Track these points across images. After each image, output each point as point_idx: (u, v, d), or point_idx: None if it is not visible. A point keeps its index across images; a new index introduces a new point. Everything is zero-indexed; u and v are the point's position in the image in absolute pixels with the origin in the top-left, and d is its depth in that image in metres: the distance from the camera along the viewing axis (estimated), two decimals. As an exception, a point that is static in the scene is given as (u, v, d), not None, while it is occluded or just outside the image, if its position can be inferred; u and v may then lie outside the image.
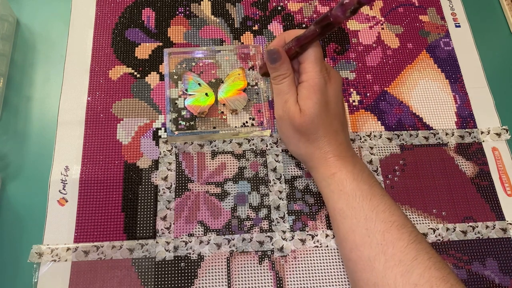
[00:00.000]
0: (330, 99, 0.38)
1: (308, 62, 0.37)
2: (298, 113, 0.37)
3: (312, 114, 0.37)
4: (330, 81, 0.38)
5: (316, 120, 0.37)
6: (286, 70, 0.38)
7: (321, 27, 0.34)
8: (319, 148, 0.38)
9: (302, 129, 0.37)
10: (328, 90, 0.38)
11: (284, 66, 0.38)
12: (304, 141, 0.38)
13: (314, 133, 0.37)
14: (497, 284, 0.42)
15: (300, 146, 0.39)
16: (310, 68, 0.37)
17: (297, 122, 0.37)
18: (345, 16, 0.32)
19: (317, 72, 0.37)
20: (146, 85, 0.49)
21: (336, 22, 0.33)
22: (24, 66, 0.49)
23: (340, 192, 0.37)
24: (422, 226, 0.44)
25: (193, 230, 0.42)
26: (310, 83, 0.37)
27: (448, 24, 0.55)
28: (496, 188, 0.46)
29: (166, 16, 0.53)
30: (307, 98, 0.37)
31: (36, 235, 0.41)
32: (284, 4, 0.55)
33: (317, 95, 0.37)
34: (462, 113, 0.50)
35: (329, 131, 0.38)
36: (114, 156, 0.45)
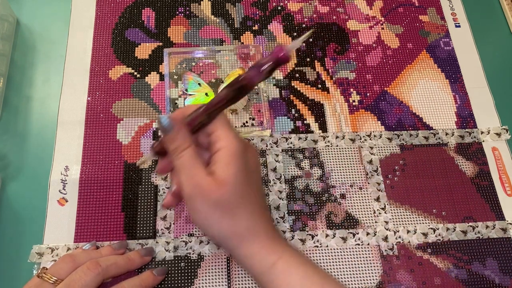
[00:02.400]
0: (251, 168, 0.32)
1: (221, 129, 0.32)
2: (214, 185, 0.30)
3: (234, 183, 0.30)
4: (248, 149, 0.33)
5: (239, 190, 0.31)
6: (183, 140, 0.32)
7: (234, 90, 0.30)
8: (247, 228, 0.31)
9: (223, 202, 0.30)
10: (248, 158, 0.32)
11: (181, 135, 0.32)
12: (228, 220, 0.31)
13: (239, 208, 0.31)
14: (497, 284, 0.42)
15: (222, 226, 0.31)
16: (226, 134, 0.31)
17: (215, 195, 0.30)
18: (260, 78, 0.29)
19: (235, 137, 0.32)
20: (146, 85, 0.49)
21: (250, 84, 0.30)
22: (24, 66, 0.49)
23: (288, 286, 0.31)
24: (422, 226, 0.44)
25: (193, 230, 0.42)
26: (229, 148, 0.31)
27: (448, 24, 0.55)
28: (496, 188, 0.46)
29: (166, 16, 0.53)
30: (227, 165, 0.31)
31: (36, 235, 0.41)
32: (284, 4, 0.55)
33: (239, 162, 0.31)
34: (462, 113, 0.50)
35: (256, 207, 0.32)
36: (114, 156, 0.45)
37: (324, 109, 0.49)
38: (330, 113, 0.49)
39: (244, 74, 0.30)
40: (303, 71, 0.51)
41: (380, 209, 0.44)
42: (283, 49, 0.28)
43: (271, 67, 0.29)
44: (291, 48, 0.28)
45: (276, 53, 0.28)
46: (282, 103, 0.49)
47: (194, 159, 0.31)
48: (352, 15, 0.55)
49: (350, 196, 0.45)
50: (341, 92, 0.50)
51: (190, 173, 0.31)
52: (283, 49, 0.28)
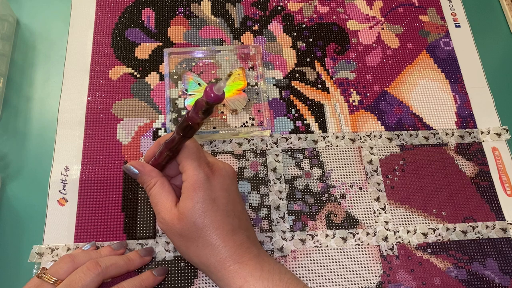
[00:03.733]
0: (217, 194, 0.34)
1: (184, 161, 0.34)
2: (176, 218, 0.33)
3: (192, 216, 0.32)
4: (214, 175, 0.34)
5: (199, 221, 0.32)
6: (149, 181, 0.35)
7: (181, 129, 0.32)
8: (213, 255, 0.33)
9: (184, 234, 0.33)
10: (213, 185, 0.34)
11: (145, 178, 0.35)
12: (194, 248, 0.34)
13: (201, 237, 0.33)
14: (497, 284, 0.42)
15: (191, 253, 0.34)
16: (187, 166, 0.34)
17: (177, 227, 0.33)
18: (199, 117, 0.30)
19: (195, 168, 0.33)
20: (146, 85, 0.49)
21: (194, 123, 0.31)
22: (24, 66, 0.49)
23: None
24: (422, 226, 0.44)
25: (193, 230, 0.42)
26: (189, 181, 0.33)
27: (448, 24, 0.55)
28: (496, 188, 0.46)
29: (166, 16, 0.53)
30: (187, 199, 0.33)
31: (36, 235, 0.41)
32: (284, 4, 0.55)
33: (198, 193, 0.33)
34: (462, 113, 0.50)
35: (222, 232, 0.33)
36: (114, 156, 0.45)
37: (324, 109, 0.49)
38: (330, 113, 0.49)
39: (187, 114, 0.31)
40: (303, 71, 0.51)
41: (380, 209, 0.44)
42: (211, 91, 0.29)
43: (205, 108, 0.30)
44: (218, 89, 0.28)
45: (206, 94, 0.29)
46: (282, 103, 0.49)
47: (160, 194, 0.35)
48: (352, 15, 0.55)
49: (350, 196, 0.45)
50: (341, 92, 0.50)
51: (157, 208, 0.35)
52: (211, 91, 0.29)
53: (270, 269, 0.34)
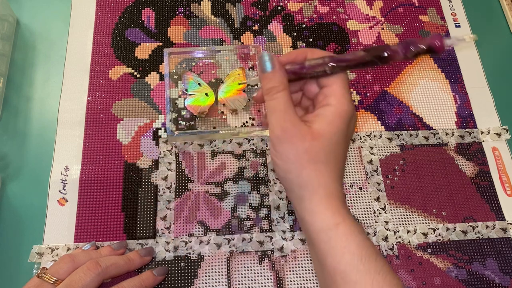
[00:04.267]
0: (349, 134, 0.33)
1: (337, 86, 0.32)
2: (309, 134, 0.31)
3: (330, 140, 0.31)
4: (354, 116, 0.33)
5: (331, 148, 0.31)
6: (279, 83, 0.32)
7: (372, 56, 0.30)
8: (324, 185, 0.31)
9: (311, 152, 0.31)
10: (351, 124, 0.32)
11: (277, 77, 0.32)
12: (310, 170, 0.31)
13: (323, 163, 0.31)
14: (497, 284, 0.42)
15: (303, 174, 0.31)
16: (340, 93, 0.31)
17: (307, 143, 0.30)
18: (405, 56, 0.28)
19: (348, 99, 0.31)
20: (146, 85, 0.49)
21: (391, 58, 0.29)
22: (24, 66, 0.49)
23: (344, 250, 0.30)
24: (422, 226, 0.44)
25: (193, 230, 0.42)
26: (337, 108, 0.31)
27: (448, 24, 0.55)
28: (496, 188, 0.46)
29: (166, 16, 0.53)
30: (330, 123, 0.31)
31: (36, 235, 0.41)
32: (284, 4, 0.55)
33: (342, 123, 0.31)
34: (462, 113, 0.50)
35: (339, 168, 0.32)
36: (114, 156, 0.45)
37: (324, 109, 0.49)
38: (330, 113, 0.48)
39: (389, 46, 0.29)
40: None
41: (380, 209, 0.44)
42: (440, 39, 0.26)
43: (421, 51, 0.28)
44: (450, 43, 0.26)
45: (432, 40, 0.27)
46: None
47: (288, 103, 0.31)
48: (352, 15, 0.55)
49: (350, 196, 0.45)
50: (341, 92, 0.50)
51: (283, 116, 0.31)
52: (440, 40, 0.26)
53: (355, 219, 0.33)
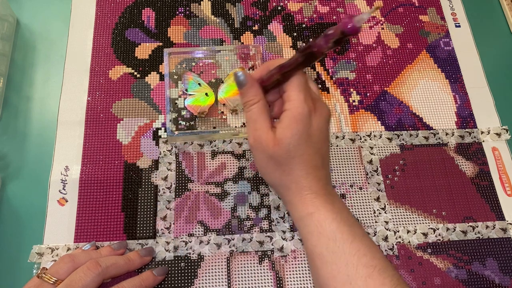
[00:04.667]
0: (313, 132, 0.35)
1: (291, 90, 0.34)
2: (271, 141, 0.34)
3: (288, 144, 0.33)
4: (316, 113, 0.35)
5: (293, 151, 0.34)
6: (254, 96, 0.35)
7: (303, 55, 0.32)
8: (295, 182, 0.35)
9: (276, 157, 0.34)
10: (312, 121, 0.34)
11: (251, 91, 0.35)
12: (280, 172, 0.35)
13: (289, 164, 0.34)
14: (497, 284, 0.42)
15: (275, 176, 0.36)
16: (294, 96, 0.34)
17: (270, 150, 0.34)
18: (328, 47, 0.30)
19: (301, 101, 0.34)
20: (146, 85, 0.49)
21: (318, 52, 0.30)
22: (24, 66, 0.49)
23: (319, 235, 0.33)
24: (422, 226, 0.44)
25: (193, 230, 0.42)
26: (292, 112, 0.34)
27: (448, 24, 0.55)
28: (496, 188, 0.46)
29: (166, 16, 0.53)
30: (287, 128, 0.34)
31: (36, 235, 0.41)
32: (284, 4, 0.55)
33: (299, 125, 0.34)
34: (462, 113, 0.50)
35: (308, 165, 0.35)
36: (114, 156, 0.45)
37: (324, 109, 0.49)
38: (330, 113, 0.49)
39: (314, 41, 0.31)
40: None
41: (380, 209, 0.44)
42: (351, 20, 0.27)
43: (338, 37, 0.29)
44: (359, 20, 0.27)
45: (344, 24, 0.27)
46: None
47: (260, 113, 0.35)
48: (352, 15, 0.55)
49: (350, 196, 0.45)
50: (341, 92, 0.50)
51: (255, 126, 0.35)
52: (351, 21, 0.27)
53: (340, 207, 0.35)
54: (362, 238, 0.33)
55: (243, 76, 0.35)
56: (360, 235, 0.34)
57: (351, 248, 0.33)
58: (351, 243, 0.33)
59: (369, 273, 0.32)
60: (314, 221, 0.34)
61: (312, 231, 0.34)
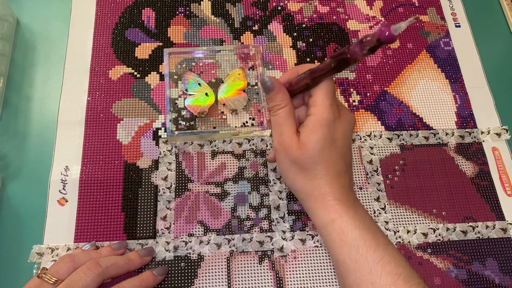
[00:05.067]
0: (337, 137, 0.35)
1: (318, 95, 0.35)
2: (295, 145, 0.34)
3: (312, 149, 0.34)
4: (340, 119, 0.35)
5: (316, 156, 0.34)
6: (281, 101, 0.36)
7: (336, 61, 0.32)
8: (317, 188, 0.35)
9: (299, 162, 0.35)
10: (336, 127, 0.35)
11: (279, 96, 0.36)
12: (302, 177, 0.35)
13: (312, 169, 0.34)
14: (497, 284, 0.42)
15: (297, 181, 0.36)
16: (320, 102, 0.34)
17: (294, 154, 0.34)
18: (363, 54, 0.30)
19: (327, 106, 0.34)
20: (146, 85, 0.49)
21: (352, 58, 0.31)
22: (24, 66, 0.49)
23: (342, 242, 0.33)
24: (422, 226, 0.44)
25: (193, 230, 0.42)
26: (317, 116, 0.34)
27: (448, 24, 0.55)
28: (496, 188, 0.46)
29: (166, 16, 0.53)
30: (311, 132, 0.34)
31: (36, 235, 0.41)
32: (284, 4, 0.55)
33: (323, 130, 0.34)
34: (462, 113, 0.50)
35: (331, 171, 0.35)
36: (114, 156, 0.45)
37: (324, 109, 0.49)
38: (330, 113, 0.48)
39: (348, 47, 0.31)
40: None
41: (380, 209, 0.44)
42: (388, 28, 0.27)
43: (374, 45, 0.29)
44: (396, 29, 0.27)
45: (381, 32, 0.28)
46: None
47: (286, 118, 0.35)
48: (352, 15, 0.55)
49: (350, 196, 0.45)
50: (341, 92, 0.50)
51: (280, 130, 0.36)
52: (388, 29, 0.27)
53: (363, 213, 0.35)
54: (386, 247, 0.33)
55: (270, 81, 0.35)
56: (383, 243, 0.33)
57: (374, 256, 0.32)
58: (374, 251, 0.33)
59: (394, 281, 0.32)
60: (336, 229, 0.34)
61: (334, 239, 0.34)
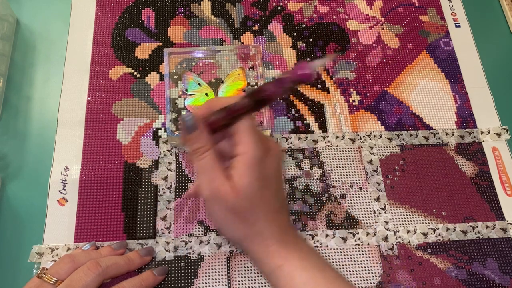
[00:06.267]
0: (269, 174, 0.33)
1: (242, 132, 0.32)
2: (231, 192, 0.31)
3: (250, 193, 0.31)
4: (269, 154, 0.33)
5: (254, 199, 0.31)
6: (205, 142, 0.32)
7: (254, 101, 0.30)
8: (258, 234, 0.33)
9: (237, 209, 0.32)
10: (267, 164, 0.32)
11: (203, 137, 0.32)
12: (242, 225, 0.33)
13: (252, 215, 0.32)
14: (497, 284, 0.42)
15: (236, 230, 0.33)
16: (245, 140, 0.31)
17: (230, 202, 0.31)
18: (281, 92, 0.29)
19: (254, 143, 0.31)
20: (146, 85, 0.49)
21: (270, 98, 0.29)
22: (24, 66, 0.49)
23: None
24: (422, 226, 0.44)
25: (193, 230, 0.42)
26: (246, 156, 0.31)
27: (448, 24, 0.55)
28: (496, 188, 0.46)
29: (166, 16, 0.53)
30: (244, 175, 0.31)
31: (36, 235, 0.41)
32: (284, 4, 0.55)
33: (255, 170, 0.31)
34: (462, 113, 0.50)
35: (269, 212, 0.33)
36: (114, 156, 0.45)
37: (324, 109, 0.49)
38: (330, 113, 0.49)
39: (265, 86, 0.29)
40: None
41: (380, 209, 0.44)
42: (304, 67, 0.27)
43: (291, 85, 0.28)
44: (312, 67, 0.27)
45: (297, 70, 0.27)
46: (282, 103, 0.49)
47: (214, 162, 0.32)
48: (352, 15, 0.55)
49: (350, 196, 0.45)
50: (341, 92, 0.50)
51: (210, 176, 0.32)
52: (304, 67, 0.27)
53: (308, 250, 0.34)
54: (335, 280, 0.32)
55: (192, 120, 0.32)
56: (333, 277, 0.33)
57: None
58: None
59: None
60: (284, 275, 0.32)
61: (284, 285, 0.32)
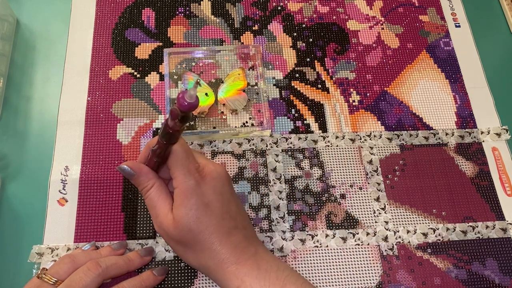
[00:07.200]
0: (209, 199, 0.34)
1: (173, 167, 0.34)
2: (171, 225, 0.33)
3: (187, 223, 0.33)
4: (205, 179, 0.34)
5: (194, 227, 0.33)
6: (146, 182, 0.35)
7: (163, 137, 0.32)
8: (211, 258, 0.34)
9: (181, 240, 0.34)
10: (204, 190, 0.34)
11: (142, 179, 0.35)
12: (191, 253, 0.34)
13: (197, 243, 0.33)
14: (497, 284, 0.42)
15: (190, 258, 0.35)
16: (177, 173, 0.33)
17: (172, 234, 0.33)
18: (178, 125, 0.30)
19: (185, 175, 0.33)
20: (146, 85, 0.49)
21: (173, 130, 0.31)
22: (24, 66, 0.49)
23: None
24: (422, 226, 0.44)
25: (193, 230, 0.42)
26: (180, 188, 0.33)
27: (448, 24, 0.55)
28: (496, 188, 0.46)
29: (166, 16, 0.53)
30: (180, 206, 0.33)
31: (36, 235, 0.41)
32: (284, 4, 0.55)
33: (190, 200, 0.33)
34: (462, 113, 0.50)
35: (219, 234, 0.33)
36: (114, 156, 0.45)
37: (324, 109, 0.49)
38: (330, 113, 0.49)
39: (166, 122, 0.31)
40: (303, 71, 0.51)
41: (380, 209, 0.44)
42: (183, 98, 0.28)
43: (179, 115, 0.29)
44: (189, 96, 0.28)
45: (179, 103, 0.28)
46: (282, 103, 0.49)
47: (158, 197, 0.35)
48: (352, 15, 0.55)
49: (350, 196, 0.45)
50: (341, 92, 0.50)
51: (155, 212, 0.35)
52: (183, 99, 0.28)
53: (267, 267, 0.34)
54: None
55: (127, 168, 0.35)
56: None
57: None
58: None
59: None
60: None
61: None
